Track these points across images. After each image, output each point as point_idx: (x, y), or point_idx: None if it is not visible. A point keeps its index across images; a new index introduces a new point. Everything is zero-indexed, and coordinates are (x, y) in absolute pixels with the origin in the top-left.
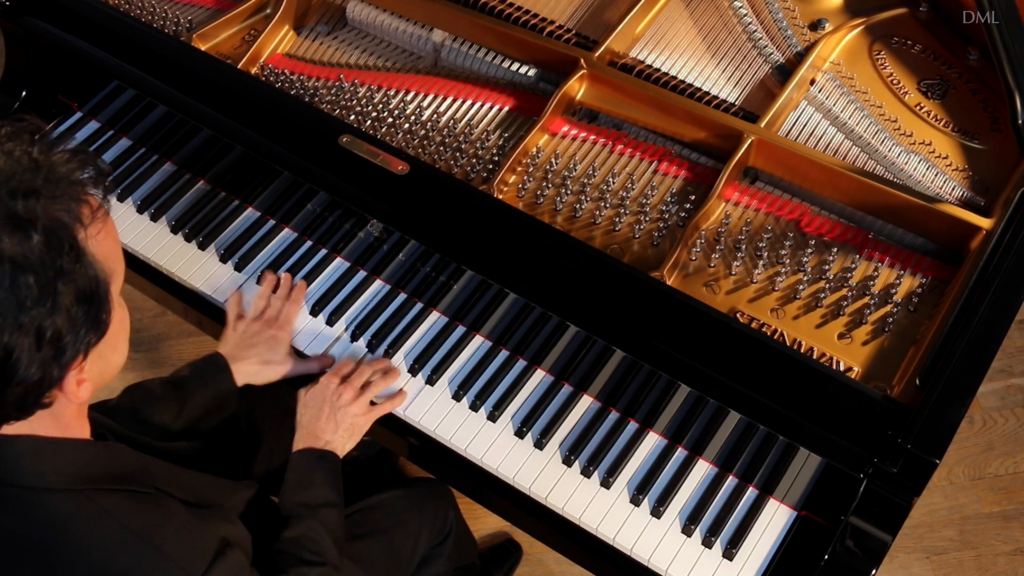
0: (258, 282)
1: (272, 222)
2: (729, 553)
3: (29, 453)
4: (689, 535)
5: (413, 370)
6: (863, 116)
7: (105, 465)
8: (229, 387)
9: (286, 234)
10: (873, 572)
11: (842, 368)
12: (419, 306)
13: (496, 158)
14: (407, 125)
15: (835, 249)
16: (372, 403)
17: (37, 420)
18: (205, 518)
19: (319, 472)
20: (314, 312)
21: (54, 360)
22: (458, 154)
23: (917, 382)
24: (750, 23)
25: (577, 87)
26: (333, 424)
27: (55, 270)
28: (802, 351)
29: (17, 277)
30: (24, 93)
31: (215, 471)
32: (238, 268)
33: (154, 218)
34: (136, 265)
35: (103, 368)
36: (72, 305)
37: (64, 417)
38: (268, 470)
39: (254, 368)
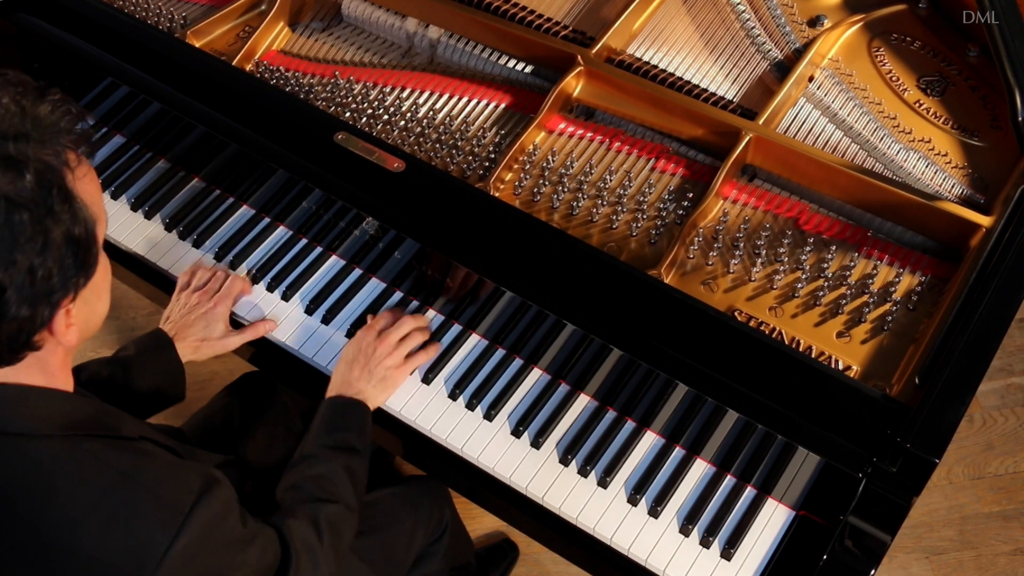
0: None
1: (267, 220)
2: (727, 553)
3: (13, 401)
4: (687, 535)
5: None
6: (862, 113)
7: (90, 414)
8: (175, 364)
9: (281, 232)
10: (872, 572)
11: (841, 367)
12: (415, 305)
13: (492, 155)
14: (403, 122)
15: (834, 247)
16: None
17: (24, 368)
18: (190, 463)
19: (347, 418)
20: (309, 310)
21: (45, 298)
22: (454, 151)
23: (916, 381)
24: (748, 20)
25: (574, 84)
26: (367, 374)
27: (46, 208)
28: (801, 350)
29: (11, 214)
30: None
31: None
32: (233, 266)
33: (148, 216)
34: (130, 263)
35: (88, 315)
36: (62, 244)
37: (50, 366)
38: (266, 467)
39: (193, 345)
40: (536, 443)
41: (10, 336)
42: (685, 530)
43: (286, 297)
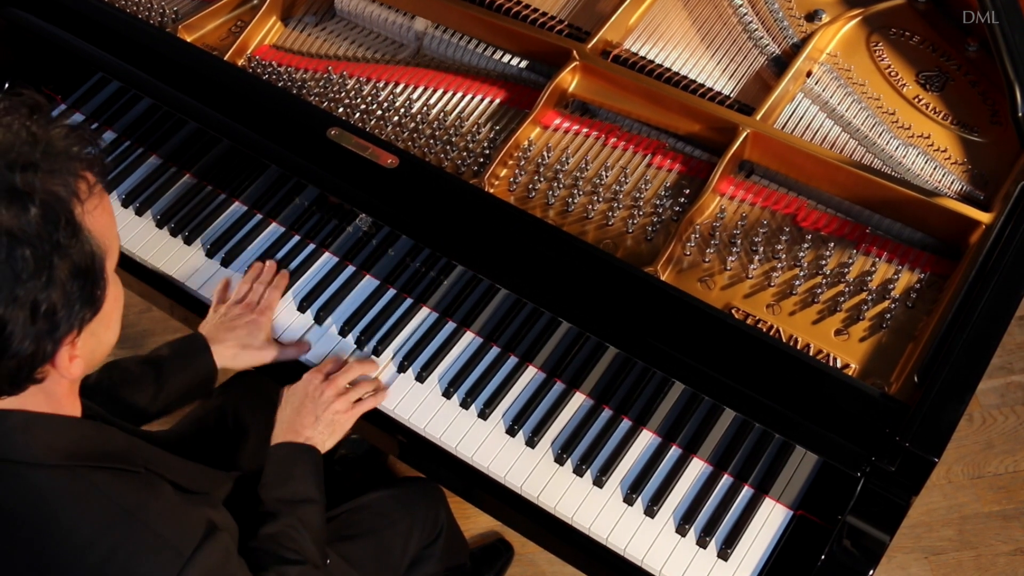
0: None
1: (259, 216)
2: (724, 553)
3: (20, 428)
4: (683, 535)
5: (402, 367)
6: (860, 109)
7: (95, 443)
8: (208, 368)
9: (273, 229)
10: (871, 573)
11: (839, 365)
12: (408, 301)
13: (487, 151)
14: (396, 117)
15: (832, 244)
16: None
17: (29, 396)
18: (194, 502)
19: (298, 466)
20: (302, 308)
21: (48, 335)
22: (448, 147)
23: (915, 379)
24: (745, 14)
25: (569, 79)
26: (312, 419)
27: (52, 244)
28: (798, 348)
29: (14, 250)
30: (7, 85)
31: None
32: (225, 263)
33: (139, 212)
34: (121, 260)
35: (95, 346)
36: (68, 280)
37: (56, 394)
38: (255, 466)
39: (232, 351)
40: (531, 442)
41: (11, 371)
42: (682, 530)
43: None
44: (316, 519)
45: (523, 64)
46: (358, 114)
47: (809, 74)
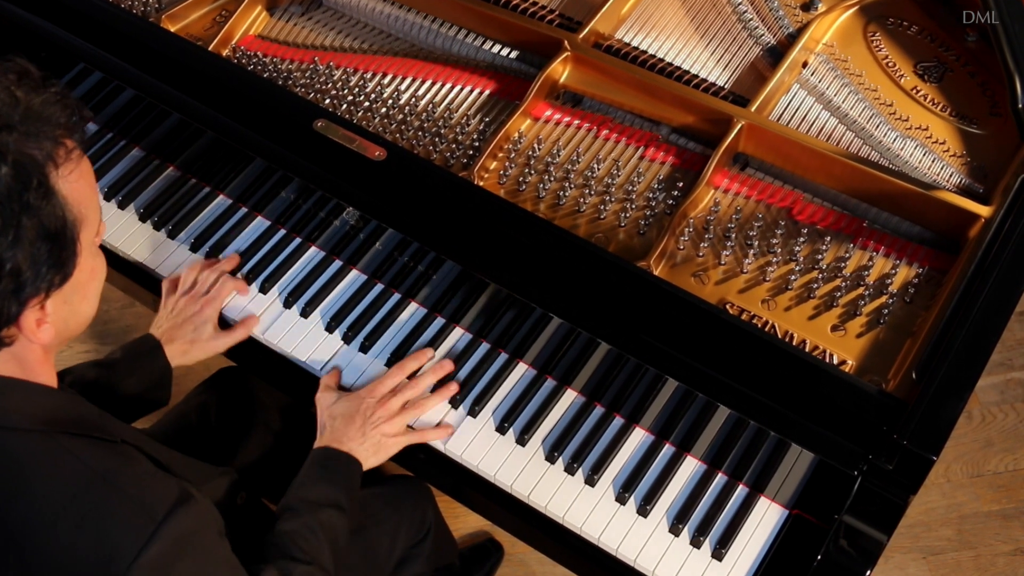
0: None
1: (244, 210)
2: (718, 553)
3: None
4: (677, 535)
5: (390, 363)
6: (857, 100)
7: (71, 412)
8: (163, 369)
9: (259, 222)
10: (868, 573)
11: (835, 361)
12: (396, 297)
13: (477, 143)
14: (384, 109)
15: (828, 238)
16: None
17: (1, 363)
18: (170, 476)
19: (333, 472)
20: (287, 303)
21: (12, 295)
22: (437, 139)
23: (913, 376)
24: (740, 3)
25: (561, 70)
26: (360, 435)
27: (21, 204)
28: (794, 344)
29: None
30: None
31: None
32: (209, 257)
33: (121, 206)
34: (103, 254)
35: (69, 315)
36: (35, 241)
37: (28, 361)
38: (243, 466)
39: (182, 348)
40: (521, 440)
41: None
42: (675, 529)
43: (264, 290)
44: (339, 526)
45: (513, 54)
46: (345, 105)
47: (805, 65)
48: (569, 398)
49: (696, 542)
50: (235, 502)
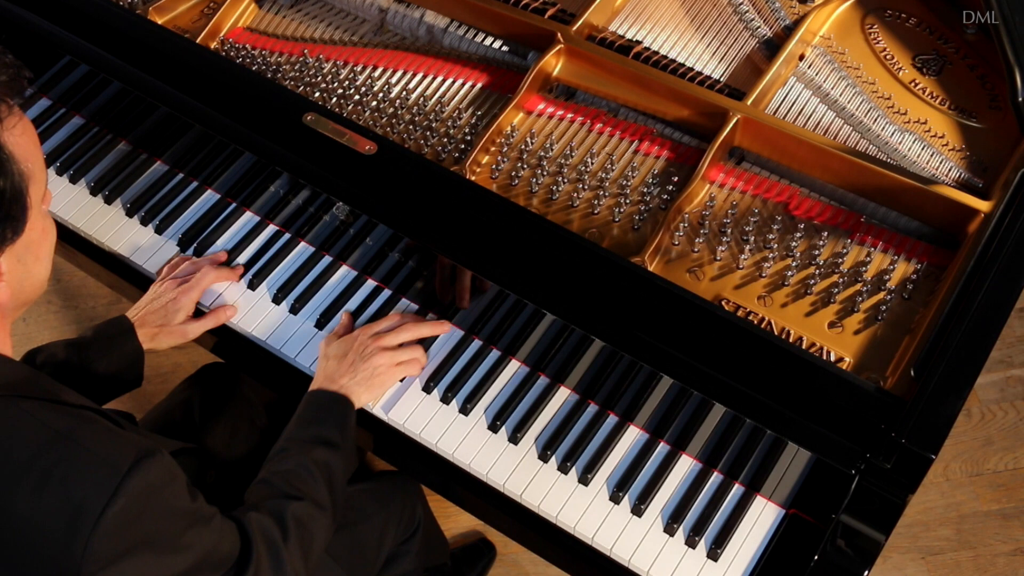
0: None
1: (233, 205)
2: (714, 553)
3: None
4: (672, 534)
5: None
6: (855, 93)
7: (28, 377)
8: (134, 350)
9: (248, 218)
10: (865, 573)
11: (833, 359)
12: (387, 293)
13: (468, 137)
14: (375, 103)
15: (825, 233)
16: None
17: None
18: (132, 433)
19: (324, 411)
20: (277, 299)
21: None
22: (428, 133)
23: (912, 373)
24: None
25: (554, 63)
26: (352, 370)
27: None
28: (791, 341)
29: None
30: None
31: None
32: (197, 253)
33: (108, 200)
34: (89, 250)
35: (23, 275)
36: None
37: None
38: (228, 463)
39: (151, 332)
40: (514, 438)
41: None
42: (670, 529)
43: (252, 286)
44: (333, 461)
45: (506, 47)
46: (335, 99)
47: (802, 57)
48: (562, 396)
49: (691, 542)
50: (202, 480)
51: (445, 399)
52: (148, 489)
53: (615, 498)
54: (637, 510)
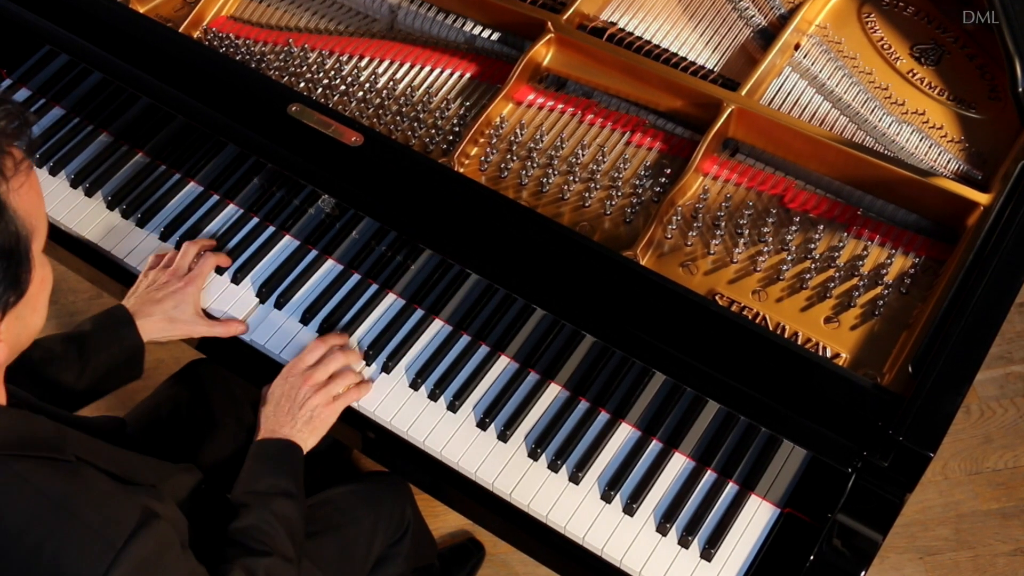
0: None
1: (216, 197)
2: (707, 553)
3: None
4: (664, 534)
5: (368, 357)
6: (851, 83)
7: (22, 431)
8: (135, 343)
9: (231, 210)
10: (862, 574)
11: (829, 354)
12: (374, 288)
13: (457, 128)
14: (361, 93)
15: (821, 226)
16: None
17: None
18: (131, 492)
19: (274, 462)
20: (261, 294)
21: None
22: (416, 124)
23: (909, 369)
24: None
25: (544, 52)
26: (291, 418)
27: None
28: (786, 336)
29: None
30: None
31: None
32: (179, 247)
33: (89, 193)
34: (69, 243)
35: (20, 330)
36: None
37: None
38: (215, 461)
39: (160, 324)
40: (503, 436)
41: None
42: (662, 529)
43: (236, 280)
44: (292, 513)
45: (495, 36)
46: (320, 89)
47: (797, 47)
48: (553, 392)
49: (684, 542)
50: (198, 496)
51: (433, 396)
52: (143, 563)
53: (607, 497)
54: (629, 509)
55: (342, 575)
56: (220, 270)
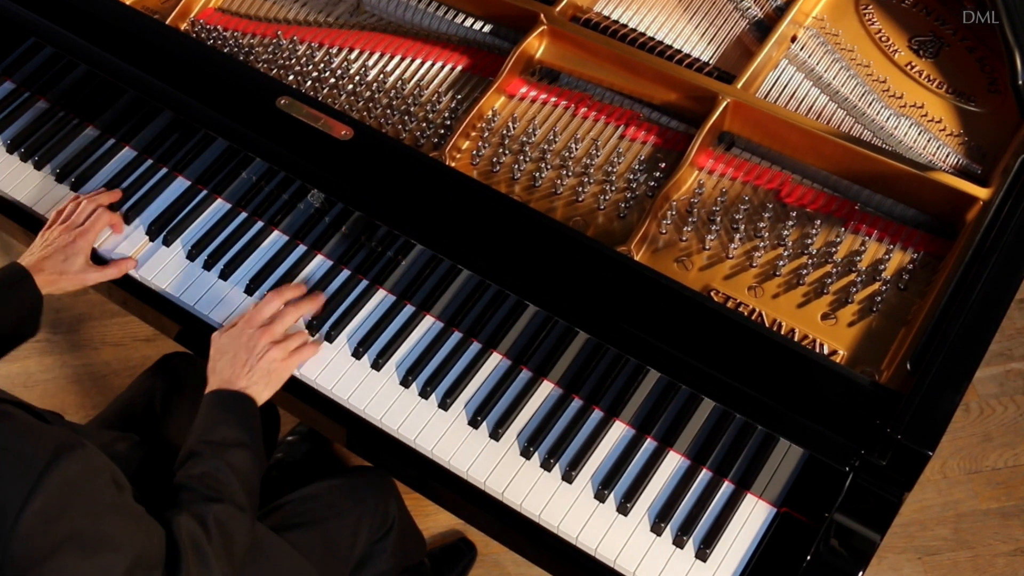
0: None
1: (204, 192)
2: (703, 553)
3: None
4: (659, 534)
5: (357, 353)
6: (849, 76)
7: None
8: (33, 298)
9: (219, 205)
10: (860, 574)
11: (826, 351)
12: (364, 283)
13: (448, 122)
14: (351, 86)
15: (818, 221)
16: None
17: None
18: (55, 427)
19: (230, 413)
20: (249, 290)
21: None
22: (406, 118)
23: (908, 367)
24: None
25: (536, 44)
26: (247, 369)
27: None
28: (782, 333)
29: None
30: None
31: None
32: (166, 243)
33: (74, 188)
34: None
35: None
36: None
37: None
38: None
39: (51, 278)
40: (495, 434)
41: None
42: (657, 528)
43: (224, 276)
44: (246, 463)
45: (486, 28)
46: (310, 82)
47: (794, 39)
48: (546, 390)
49: (679, 542)
50: (146, 471)
51: (424, 394)
52: (69, 485)
53: (600, 496)
54: (623, 508)
55: (326, 568)
56: (208, 264)
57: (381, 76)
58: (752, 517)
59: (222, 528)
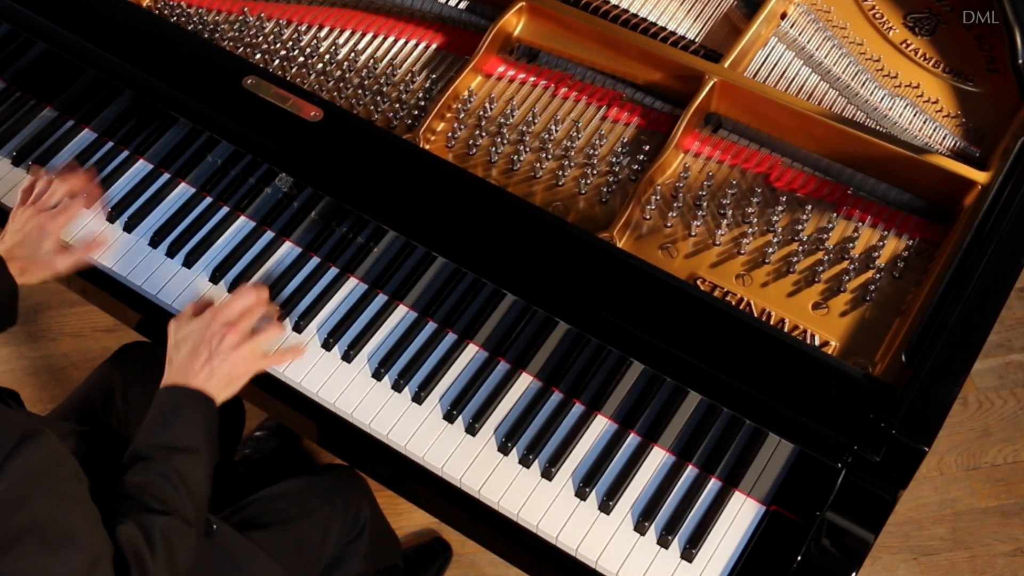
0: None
1: (167, 175)
2: (688, 554)
3: None
4: (643, 533)
5: (327, 344)
6: (841, 55)
7: None
8: (9, 287)
9: (183, 189)
10: (853, 575)
11: (817, 342)
12: (334, 272)
13: (422, 103)
14: (321, 65)
15: (809, 207)
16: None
17: None
18: (15, 411)
19: (184, 412)
20: (215, 279)
21: None
22: (379, 98)
23: (903, 358)
24: None
25: (515, 22)
26: (208, 368)
27: None
28: (772, 323)
29: None
30: None
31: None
32: (127, 229)
33: (31, 172)
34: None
35: None
36: None
37: None
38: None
39: (20, 266)
40: (472, 429)
41: None
42: (641, 528)
43: (188, 263)
44: (197, 472)
45: (462, 5)
46: (277, 61)
47: (784, 16)
48: (524, 383)
49: (664, 541)
50: (98, 462)
51: (397, 386)
52: (32, 471)
53: (581, 494)
54: (605, 507)
55: (295, 569)
56: (171, 252)
57: (352, 55)
58: (740, 516)
59: (167, 542)
